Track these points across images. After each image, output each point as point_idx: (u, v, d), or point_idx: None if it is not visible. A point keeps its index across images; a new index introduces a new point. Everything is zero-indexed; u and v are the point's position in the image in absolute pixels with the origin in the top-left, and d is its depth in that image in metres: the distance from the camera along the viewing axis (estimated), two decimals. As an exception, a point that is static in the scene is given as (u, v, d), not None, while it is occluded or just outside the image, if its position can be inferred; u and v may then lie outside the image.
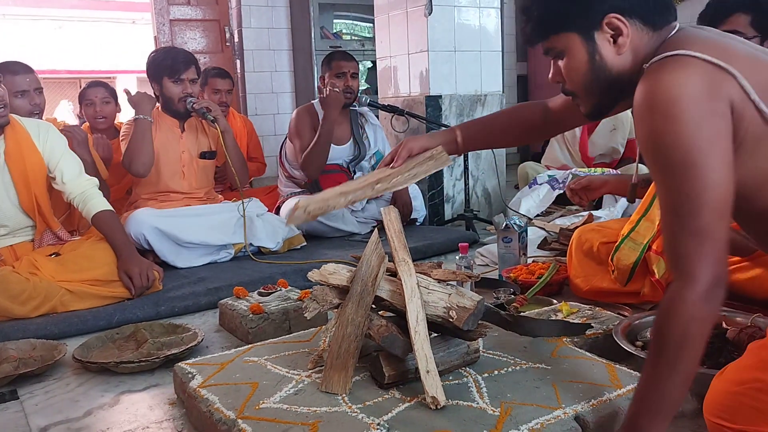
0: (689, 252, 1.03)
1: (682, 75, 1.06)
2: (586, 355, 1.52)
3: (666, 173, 1.06)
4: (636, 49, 1.18)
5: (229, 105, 4.00)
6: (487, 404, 1.28)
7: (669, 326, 1.04)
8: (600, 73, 1.21)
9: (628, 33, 1.17)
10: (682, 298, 1.03)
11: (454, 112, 3.81)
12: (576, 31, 1.20)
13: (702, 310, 1.02)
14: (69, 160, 2.50)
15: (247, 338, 1.96)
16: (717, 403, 1.10)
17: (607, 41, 1.19)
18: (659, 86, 1.06)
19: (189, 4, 5.47)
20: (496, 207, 3.98)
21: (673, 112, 1.03)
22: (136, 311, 2.27)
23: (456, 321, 1.36)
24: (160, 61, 2.98)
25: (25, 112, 2.71)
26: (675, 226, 1.06)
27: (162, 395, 1.65)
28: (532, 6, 1.25)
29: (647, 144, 1.08)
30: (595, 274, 2.12)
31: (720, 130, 1.04)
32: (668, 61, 1.09)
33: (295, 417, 1.27)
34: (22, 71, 2.75)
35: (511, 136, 1.71)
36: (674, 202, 1.06)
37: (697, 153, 1.03)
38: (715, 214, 1.03)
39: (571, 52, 1.22)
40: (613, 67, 1.20)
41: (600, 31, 1.18)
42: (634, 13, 1.17)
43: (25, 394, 1.70)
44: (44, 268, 2.31)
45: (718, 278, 1.02)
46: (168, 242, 2.80)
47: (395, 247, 1.47)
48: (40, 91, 2.80)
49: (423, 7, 3.69)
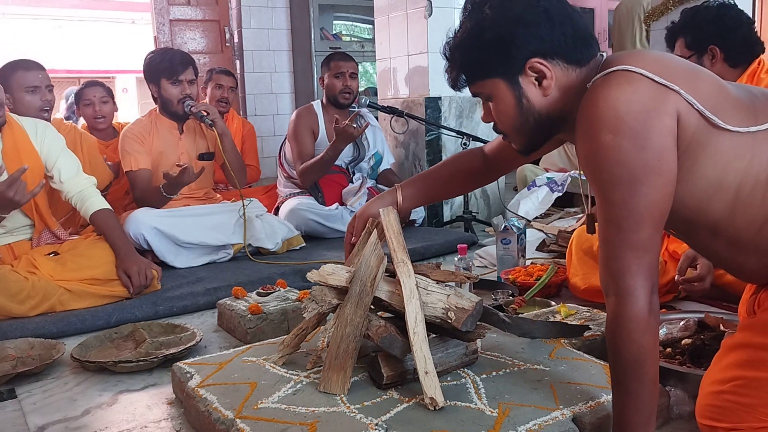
0: (628, 265, 1.05)
1: (629, 90, 1.06)
2: (584, 357, 1.52)
3: (609, 188, 1.07)
4: (563, 87, 1.19)
5: (230, 104, 4.00)
6: (485, 405, 1.29)
7: (624, 346, 1.07)
8: (528, 115, 1.22)
9: (552, 75, 1.18)
10: (627, 315, 1.05)
11: (454, 113, 3.82)
12: (499, 77, 1.20)
13: (649, 321, 1.05)
14: (67, 159, 2.49)
15: (246, 338, 1.96)
16: (705, 405, 1.12)
17: (532, 84, 1.19)
18: (605, 101, 1.07)
19: (189, 5, 5.48)
20: (495, 209, 3.98)
21: (620, 128, 1.04)
22: (135, 311, 2.27)
23: (454, 322, 1.37)
24: (157, 63, 2.98)
25: (35, 108, 2.72)
26: (616, 240, 1.07)
27: (160, 395, 1.65)
28: (454, 53, 1.25)
29: (591, 158, 1.09)
30: (594, 273, 2.13)
31: (666, 145, 1.05)
32: (613, 75, 1.09)
33: (294, 417, 1.27)
34: (34, 68, 2.76)
35: (454, 188, 1.71)
36: (617, 217, 1.07)
37: (642, 169, 1.04)
38: (655, 229, 1.06)
39: (497, 97, 1.23)
40: (542, 107, 1.21)
41: (524, 75, 1.19)
42: (555, 55, 1.17)
43: (23, 393, 1.70)
44: (43, 267, 2.31)
45: (653, 286, 1.06)
46: (167, 242, 2.80)
47: (394, 248, 1.47)
48: (51, 89, 2.80)
49: (423, 8, 3.70)
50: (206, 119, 2.95)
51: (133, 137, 2.98)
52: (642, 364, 1.06)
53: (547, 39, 1.16)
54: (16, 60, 2.80)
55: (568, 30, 1.17)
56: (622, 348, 1.07)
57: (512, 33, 1.16)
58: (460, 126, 3.80)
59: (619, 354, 1.08)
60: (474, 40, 1.20)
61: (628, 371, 1.08)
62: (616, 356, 1.09)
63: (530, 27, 1.16)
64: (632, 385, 1.07)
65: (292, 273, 2.63)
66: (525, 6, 1.16)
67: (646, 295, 1.05)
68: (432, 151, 3.77)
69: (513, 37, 1.16)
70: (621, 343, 1.07)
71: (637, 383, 1.07)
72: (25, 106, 2.71)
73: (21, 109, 2.71)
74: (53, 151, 2.46)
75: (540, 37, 1.16)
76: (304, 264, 2.75)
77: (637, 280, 1.05)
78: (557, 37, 1.16)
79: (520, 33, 1.16)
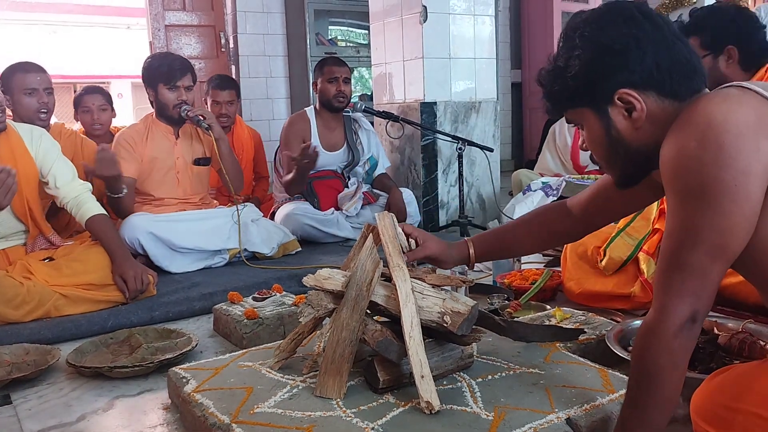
0: (671, 283, 1.02)
1: (734, 102, 1.01)
2: (579, 360, 1.53)
3: (678, 199, 1.03)
4: (657, 121, 1.12)
5: (232, 117, 3.79)
6: (481, 409, 1.29)
7: (642, 357, 1.06)
8: (618, 147, 1.17)
9: (642, 107, 1.11)
10: (654, 331, 1.04)
11: (449, 118, 3.83)
12: (588, 106, 1.17)
13: (672, 344, 1.02)
14: (62, 165, 2.50)
15: (242, 343, 1.96)
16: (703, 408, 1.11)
17: (621, 115, 1.13)
18: (704, 108, 1.02)
19: (185, 10, 5.48)
20: (491, 213, 3.99)
21: (707, 138, 0.98)
22: (131, 316, 2.26)
23: (450, 326, 1.37)
24: (155, 68, 2.97)
25: (32, 110, 2.72)
26: (668, 254, 1.04)
27: (156, 400, 1.65)
28: (545, 81, 1.22)
29: (669, 163, 1.04)
30: (588, 278, 2.14)
31: (751, 171, 0.97)
32: (720, 91, 1.06)
33: (290, 422, 1.27)
34: (33, 70, 2.76)
35: (534, 245, 1.64)
36: (676, 230, 1.03)
37: (715, 189, 0.98)
38: (711, 257, 1.00)
39: (587, 126, 1.19)
40: (632, 140, 1.15)
41: (613, 105, 1.13)
42: (648, 86, 1.11)
43: (19, 399, 1.70)
44: (38, 272, 2.30)
45: (694, 315, 1.01)
46: (163, 247, 2.80)
47: (390, 252, 1.48)
48: (50, 92, 2.80)
49: (418, 14, 3.72)
50: (203, 123, 2.95)
51: (124, 143, 2.96)
52: (654, 381, 1.04)
53: (636, 69, 1.10)
54: (17, 62, 2.81)
55: (664, 60, 1.10)
56: (640, 358, 1.06)
57: (599, 62, 1.12)
58: (456, 131, 3.81)
59: (635, 363, 1.08)
60: (562, 69, 1.16)
61: (639, 383, 1.07)
62: (633, 364, 1.09)
63: (618, 56, 1.11)
64: (641, 398, 1.07)
65: (288, 278, 2.63)
66: (614, 35, 1.11)
67: (680, 318, 1.00)
68: (427, 155, 3.78)
69: (600, 67, 1.12)
70: (640, 353, 1.06)
71: (646, 398, 1.06)
72: (24, 108, 2.71)
73: (19, 110, 2.71)
74: (48, 157, 2.46)
75: (628, 67, 1.10)
76: (300, 269, 2.75)
77: (675, 300, 1.01)
78: (648, 68, 1.10)
79: (606, 62, 1.11)
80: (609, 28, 1.13)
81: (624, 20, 1.13)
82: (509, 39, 6.86)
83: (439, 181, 3.82)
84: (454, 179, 3.78)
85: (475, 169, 3.93)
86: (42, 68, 2.80)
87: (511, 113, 7.00)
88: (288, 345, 1.55)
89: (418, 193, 3.74)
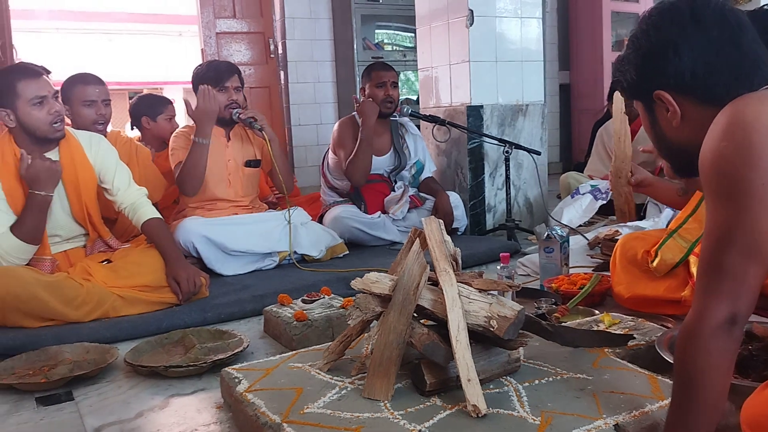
0: (709, 286, 1.02)
1: (767, 104, 1.02)
2: (629, 366, 1.51)
3: (711, 199, 1.04)
4: (695, 124, 1.16)
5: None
6: (528, 413, 1.29)
7: (682, 359, 1.06)
8: (662, 141, 1.25)
9: (675, 109, 1.17)
10: (691, 332, 1.03)
11: (496, 121, 3.82)
12: (639, 100, 1.26)
13: (709, 345, 1.01)
14: (120, 172, 2.58)
15: (291, 345, 2.00)
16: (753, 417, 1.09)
17: (663, 114, 1.21)
18: (738, 107, 1.04)
19: (235, 17, 5.60)
20: (538, 217, 3.96)
21: (736, 137, 1.00)
22: (184, 317, 2.33)
23: (497, 330, 1.38)
24: (204, 73, 3.07)
25: (90, 121, 2.82)
26: (706, 254, 1.05)
27: (209, 399, 1.70)
28: (613, 71, 1.33)
29: (703, 163, 1.06)
30: (638, 282, 2.10)
31: None
32: (760, 92, 1.07)
33: (339, 422, 1.29)
34: (92, 82, 2.87)
35: None
36: (711, 231, 1.04)
37: (744, 189, 0.99)
38: (745, 258, 1.00)
39: (641, 117, 1.28)
40: (672, 137, 1.22)
41: (656, 103, 1.21)
42: (686, 90, 1.16)
43: (80, 395, 1.77)
44: (97, 274, 2.39)
45: (733, 317, 1.00)
46: (216, 250, 2.87)
47: (436, 257, 1.49)
48: (107, 103, 2.90)
49: (464, 17, 3.72)
50: (255, 125, 3.02)
51: (184, 135, 3.07)
52: (694, 384, 1.03)
53: (671, 74, 1.16)
54: (78, 73, 2.93)
55: (702, 67, 1.13)
56: (679, 361, 1.06)
57: (641, 64, 1.21)
58: (502, 134, 3.80)
59: (676, 366, 1.07)
60: (619, 65, 1.27)
61: (680, 386, 1.06)
62: (674, 367, 1.08)
63: (655, 60, 1.17)
64: (683, 402, 1.06)
65: (336, 280, 2.66)
66: (655, 39, 1.18)
67: (716, 319, 1.00)
68: (474, 159, 3.77)
69: (641, 68, 1.21)
70: (679, 356, 1.06)
71: (687, 400, 1.05)
72: (82, 118, 2.82)
73: (78, 121, 2.82)
74: (107, 164, 2.55)
75: (663, 71, 1.16)
76: (348, 272, 2.78)
77: (712, 301, 1.01)
78: (682, 75, 1.15)
79: (646, 65, 1.19)
80: (653, 31, 1.19)
81: (670, 23, 1.17)
82: (557, 40, 6.78)
83: (486, 185, 3.81)
84: (501, 182, 3.77)
85: (522, 172, 3.91)
86: (101, 80, 2.91)
87: (559, 115, 6.90)
88: (336, 347, 1.58)
89: (465, 197, 3.74)
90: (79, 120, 2.82)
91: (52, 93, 2.37)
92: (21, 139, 2.38)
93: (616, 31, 6.75)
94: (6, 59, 4.73)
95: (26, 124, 2.34)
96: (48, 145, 2.42)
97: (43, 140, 2.39)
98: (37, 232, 2.37)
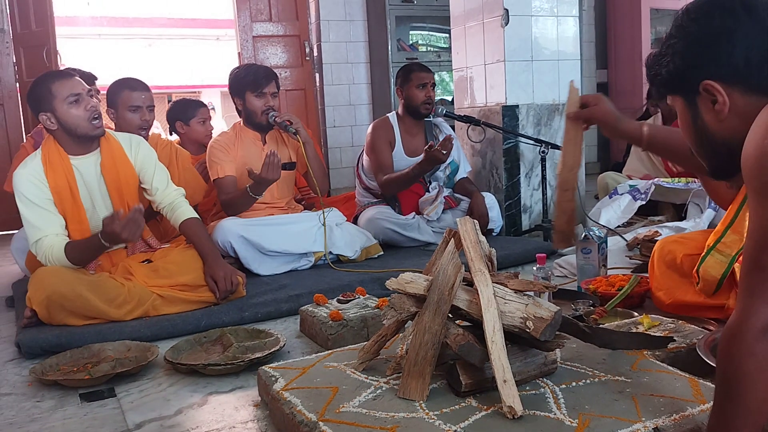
0: (752, 284, 1.00)
1: None
2: (668, 369, 1.49)
3: (754, 197, 1.02)
4: (742, 116, 1.11)
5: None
6: (565, 415, 1.28)
7: (726, 361, 1.03)
8: (704, 137, 1.19)
9: (725, 100, 1.12)
10: (736, 334, 1.01)
11: (532, 121, 3.79)
12: (679, 94, 1.20)
13: (754, 347, 0.99)
14: (158, 172, 2.64)
15: (327, 344, 2.01)
16: None
17: (707, 106, 1.15)
18: None
19: (271, 21, 5.67)
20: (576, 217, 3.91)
21: None
22: (222, 316, 2.37)
23: (533, 331, 1.37)
24: (242, 77, 3.11)
25: (134, 126, 2.89)
26: (749, 254, 1.02)
27: (247, 397, 1.72)
28: (648, 65, 1.27)
29: (747, 161, 1.04)
30: (679, 287, 2.06)
31: None
32: None
33: (374, 421, 1.30)
34: (139, 88, 2.93)
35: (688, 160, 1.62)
36: (754, 230, 1.02)
37: None
38: None
39: (679, 113, 1.23)
40: (716, 131, 1.16)
41: (699, 95, 1.16)
42: (735, 81, 1.11)
43: (122, 392, 1.82)
44: (138, 273, 2.45)
45: None
46: (252, 250, 2.92)
47: (471, 257, 1.49)
48: (151, 109, 2.96)
49: (499, 17, 3.70)
50: (290, 128, 3.06)
51: (219, 147, 3.12)
52: (738, 388, 1.01)
53: (724, 63, 1.11)
54: (125, 78, 3.00)
55: (755, 55, 1.09)
56: (722, 364, 1.04)
57: (689, 53, 1.15)
58: (538, 134, 3.76)
59: (718, 369, 1.06)
60: (660, 57, 1.21)
61: (723, 390, 1.04)
62: (717, 370, 1.06)
63: (707, 48, 1.12)
64: (726, 407, 1.04)
65: (371, 281, 2.67)
66: (707, 27, 1.13)
67: (762, 321, 0.98)
68: (509, 159, 3.75)
69: (689, 58, 1.15)
70: (723, 358, 1.04)
71: (731, 404, 1.03)
72: (126, 122, 2.89)
73: (123, 125, 2.88)
74: (146, 165, 2.61)
75: (716, 60, 1.12)
76: (383, 272, 2.80)
77: (757, 302, 0.99)
78: (736, 62, 1.10)
79: (696, 54, 1.14)
80: (703, 19, 1.14)
81: (721, 12, 1.13)
82: (594, 38, 6.70)
83: (521, 185, 3.78)
84: (537, 183, 3.74)
85: (558, 172, 3.86)
86: (146, 86, 2.97)
87: (597, 114, 6.81)
88: (372, 347, 1.59)
89: (501, 197, 3.72)
90: (124, 124, 2.88)
91: (87, 90, 2.43)
92: (64, 141, 2.44)
93: (655, 29, 6.64)
94: (51, 65, 4.87)
95: (66, 123, 2.40)
96: (89, 144, 2.48)
97: (84, 138, 2.45)
98: (87, 263, 2.45)
